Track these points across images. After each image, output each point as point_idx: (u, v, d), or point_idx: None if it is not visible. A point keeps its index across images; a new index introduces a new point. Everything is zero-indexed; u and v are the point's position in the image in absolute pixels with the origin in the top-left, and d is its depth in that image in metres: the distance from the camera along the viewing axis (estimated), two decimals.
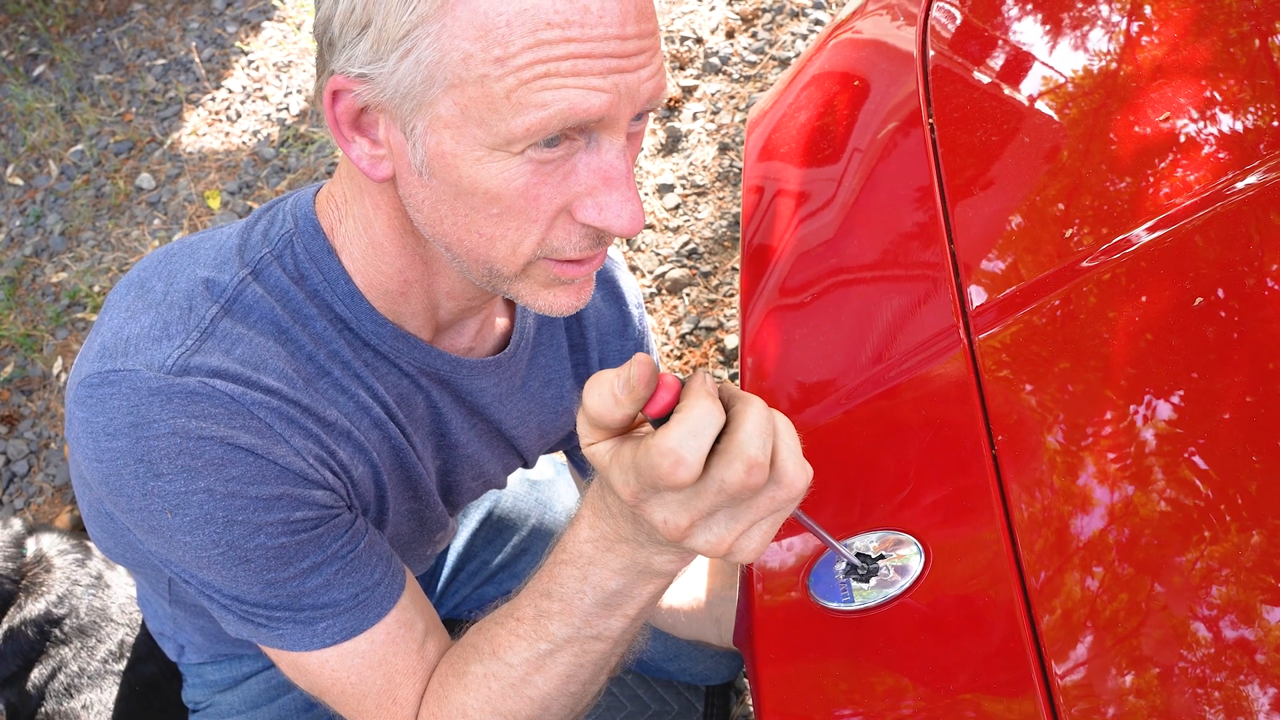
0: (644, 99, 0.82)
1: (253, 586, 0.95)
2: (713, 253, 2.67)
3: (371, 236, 0.95)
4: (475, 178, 0.82)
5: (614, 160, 0.84)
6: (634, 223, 0.85)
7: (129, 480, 0.89)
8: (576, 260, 0.90)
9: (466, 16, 0.75)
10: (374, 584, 1.00)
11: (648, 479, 0.74)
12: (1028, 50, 1.31)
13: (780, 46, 3.12)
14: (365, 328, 0.99)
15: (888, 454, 1.03)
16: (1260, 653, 0.76)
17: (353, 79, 0.81)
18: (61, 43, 3.66)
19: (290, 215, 0.98)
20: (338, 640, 0.99)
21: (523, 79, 0.77)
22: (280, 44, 3.52)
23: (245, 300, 0.94)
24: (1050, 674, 0.80)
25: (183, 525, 0.91)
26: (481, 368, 1.10)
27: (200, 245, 0.98)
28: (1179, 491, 0.85)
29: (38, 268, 3.00)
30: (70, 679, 1.67)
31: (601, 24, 0.76)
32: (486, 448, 1.20)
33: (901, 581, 0.92)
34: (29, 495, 2.54)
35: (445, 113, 0.80)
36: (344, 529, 0.98)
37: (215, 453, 0.88)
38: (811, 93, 1.52)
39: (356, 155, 0.87)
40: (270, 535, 0.92)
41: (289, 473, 0.92)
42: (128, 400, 0.87)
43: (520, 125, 0.78)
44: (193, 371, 0.88)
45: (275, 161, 3.14)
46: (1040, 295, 1.02)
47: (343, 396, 0.99)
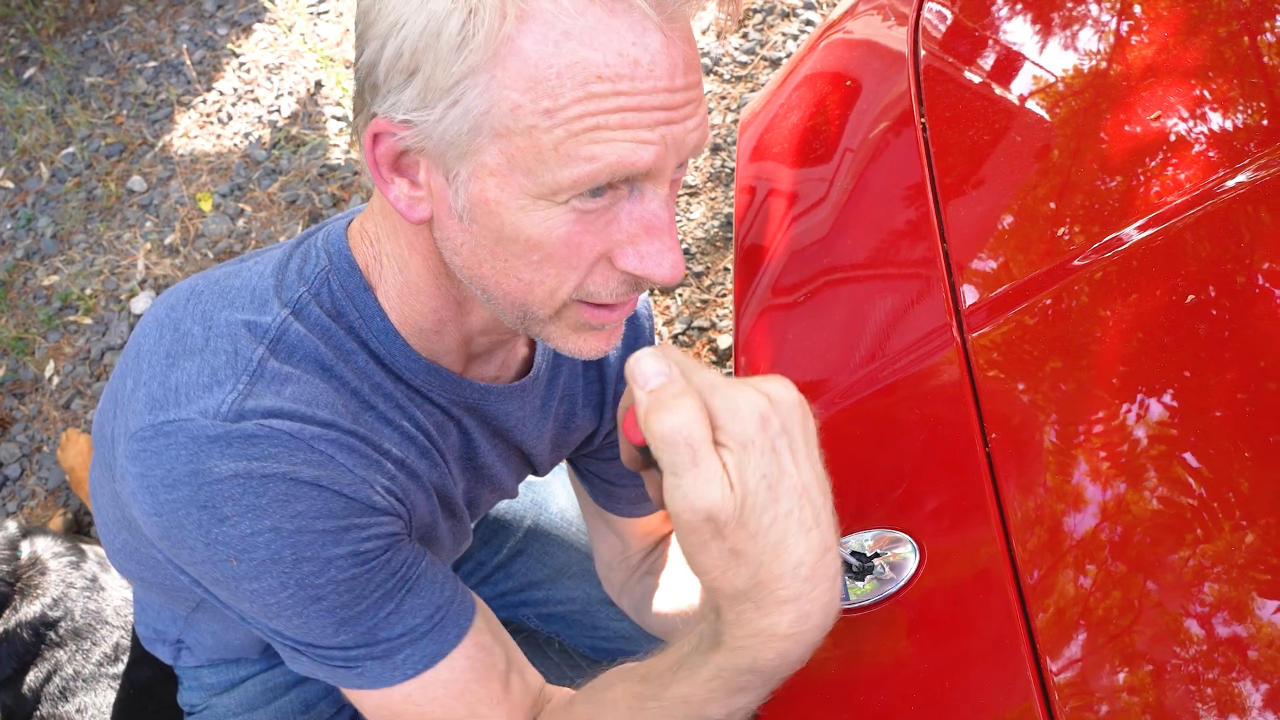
0: (689, 149, 0.83)
1: (326, 627, 0.94)
2: (705, 253, 2.67)
3: (407, 276, 0.95)
4: (518, 225, 0.82)
5: (658, 210, 0.84)
6: (675, 271, 0.85)
7: (191, 530, 0.87)
8: (609, 305, 0.90)
9: (516, 68, 0.75)
10: (446, 602, 0.99)
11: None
12: (1019, 50, 1.32)
13: (771, 47, 3.13)
14: (399, 364, 0.99)
15: (882, 452, 1.04)
16: (1253, 649, 0.76)
17: (396, 124, 0.81)
18: (52, 45, 3.65)
19: (324, 252, 0.98)
20: (419, 670, 0.98)
21: (572, 131, 0.76)
22: (271, 46, 3.51)
23: (289, 340, 0.93)
24: (1045, 671, 0.81)
25: (250, 571, 0.89)
26: (508, 394, 1.11)
27: (230, 284, 0.97)
28: (1172, 489, 0.86)
29: (29, 271, 3.00)
30: (65, 682, 1.67)
31: (651, 77, 0.76)
32: (505, 465, 1.21)
33: (897, 579, 0.93)
34: (21, 499, 2.54)
35: (491, 161, 0.79)
36: (408, 553, 0.97)
37: (279, 489, 0.87)
38: (803, 93, 1.53)
39: (395, 196, 0.86)
40: (340, 569, 0.91)
41: (354, 502, 0.91)
42: (186, 450, 0.86)
43: (568, 177, 0.78)
44: (249, 415, 0.87)
45: (267, 164, 3.14)
46: (1033, 294, 1.03)
47: (389, 428, 0.99)
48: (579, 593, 1.65)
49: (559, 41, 0.75)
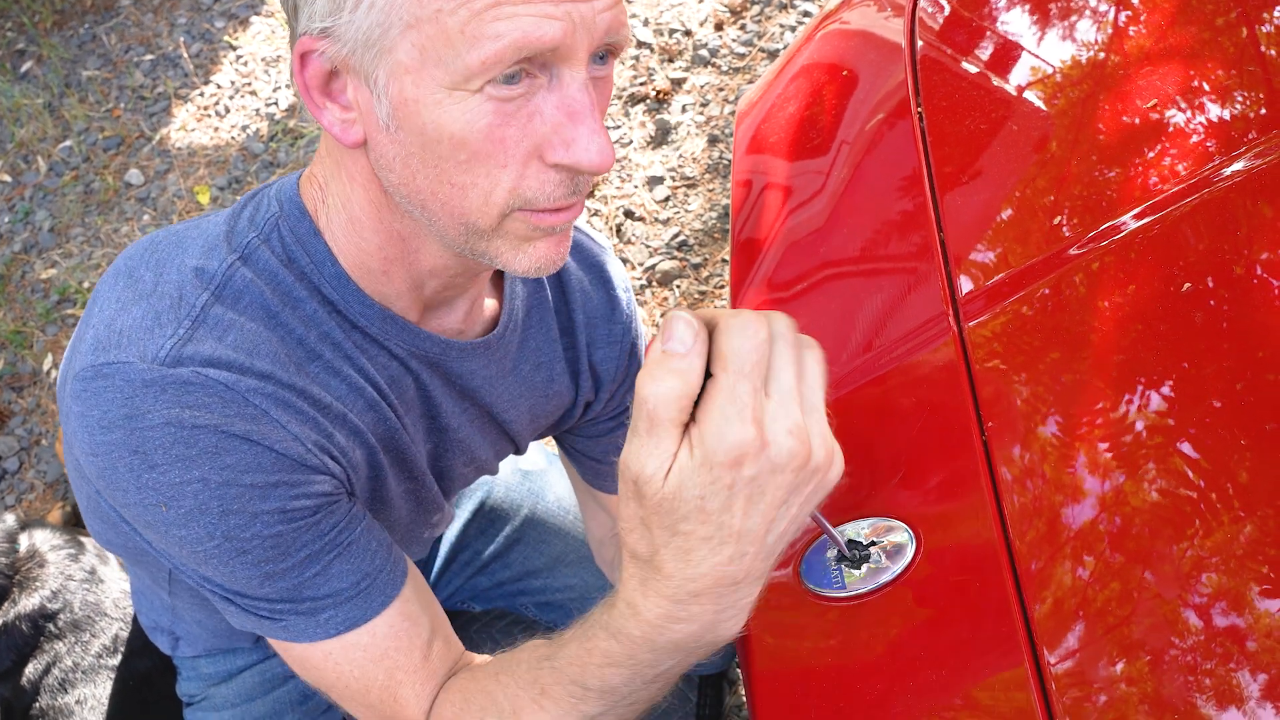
0: (601, 30, 0.81)
1: (252, 579, 0.95)
2: (703, 244, 2.67)
3: (350, 213, 0.95)
4: (439, 122, 0.81)
5: (576, 93, 0.83)
6: (603, 156, 0.84)
7: (124, 473, 0.89)
8: (553, 209, 0.89)
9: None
10: (374, 571, 1.00)
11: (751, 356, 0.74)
12: (1015, 40, 1.32)
13: (769, 38, 3.12)
14: (353, 309, 0.99)
15: (879, 441, 1.04)
16: (1251, 640, 0.76)
17: (316, 36, 0.81)
18: (49, 39, 3.65)
19: (275, 199, 0.98)
20: (340, 631, 0.99)
21: (474, 10, 0.76)
22: (269, 39, 3.51)
23: (235, 285, 0.93)
24: (1042, 660, 0.81)
25: (178, 518, 0.91)
26: (471, 350, 1.10)
27: (187, 233, 0.98)
28: (1170, 479, 0.86)
29: (27, 264, 3.00)
30: (64, 674, 1.67)
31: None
32: (478, 431, 1.20)
33: (893, 568, 0.93)
34: (20, 492, 2.54)
35: (404, 57, 0.79)
36: (342, 516, 0.98)
37: (209, 441, 0.88)
38: (800, 84, 1.53)
39: (329, 121, 0.87)
40: (266, 524, 0.92)
41: (285, 459, 0.92)
42: (121, 393, 0.87)
43: (476, 59, 0.77)
44: (185, 361, 0.88)
45: (264, 156, 3.14)
46: (1029, 282, 1.03)
47: (335, 379, 0.99)
48: (577, 581, 1.65)
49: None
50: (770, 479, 0.75)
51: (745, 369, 0.74)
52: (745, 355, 0.74)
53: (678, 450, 0.75)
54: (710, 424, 0.73)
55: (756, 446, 0.73)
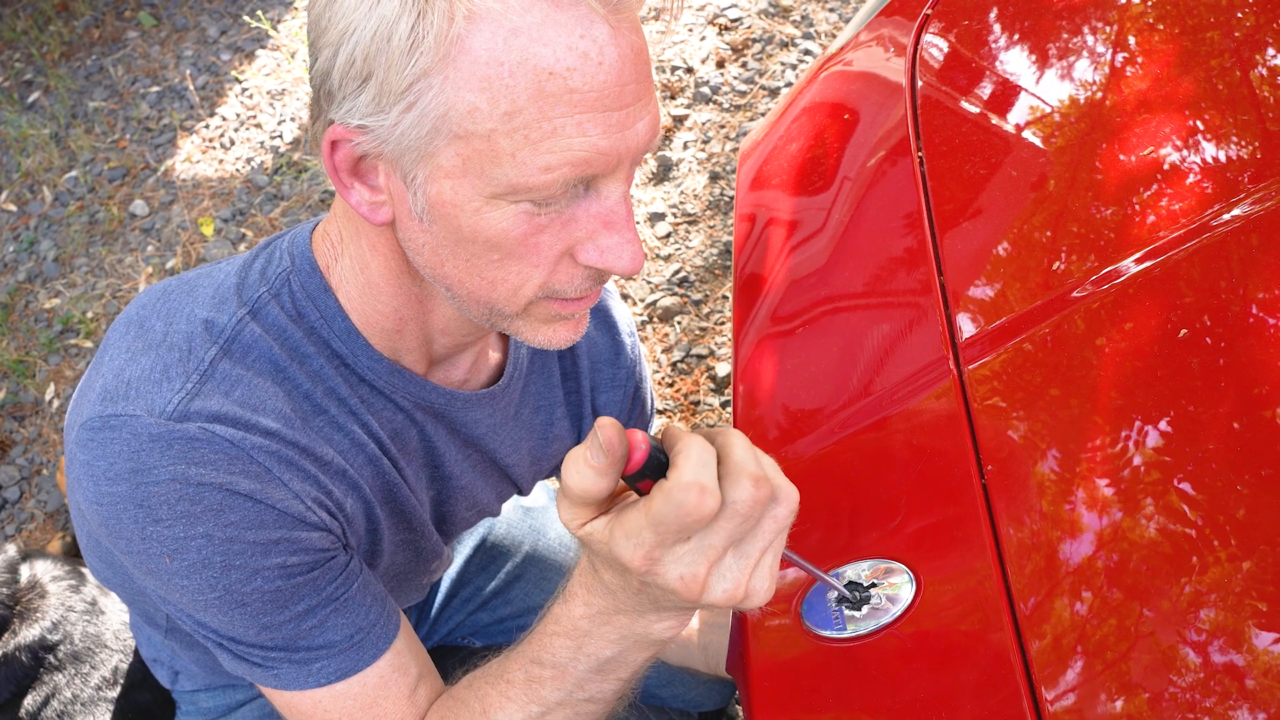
0: (642, 146, 0.84)
1: (249, 629, 0.96)
2: (704, 281, 2.68)
3: (368, 277, 0.96)
4: (475, 226, 0.83)
5: (614, 206, 0.85)
6: (634, 263, 0.86)
7: (128, 524, 0.90)
8: (576, 299, 0.91)
9: (468, 68, 0.76)
10: (368, 625, 1.01)
11: (673, 524, 0.75)
12: (1016, 83, 1.33)
13: (770, 76, 3.15)
14: (361, 364, 1.00)
15: (879, 483, 1.04)
16: (1250, 678, 0.77)
17: (352, 129, 0.82)
18: (56, 69, 3.68)
19: (287, 253, 0.99)
20: (331, 681, 1.00)
21: (530, 139, 0.77)
22: (274, 72, 3.54)
23: (244, 340, 0.94)
24: (1041, 701, 0.81)
25: (180, 569, 0.92)
26: (475, 400, 1.11)
27: (198, 283, 0.99)
28: (1168, 518, 0.87)
29: (31, 294, 3.01)
30: (64, 706, 1.67)
31: (602, 70, 0.77)
32: (480, 478, 1.21)
33: (893, 610, 0.93)
34: (20, 521, 2.54)
35: (446, 163, 0.80)
36: (339, 571, 0.99)
37: (214, 499, 0.89)
38: (803, 123, 1.54)
39: (356, 201, 0.87)
40: (267, 579, 0.93)
41: (287, 516, 0.93)
42: (128, 446, 0.88)
43: (522, 181, 0.79)
44: (192, 417, 0.89)
45: (269, 189, 3.16)
46: (1029, 326, 1.04)
47: (338, 434, 1.00)
48: None
49: (507, 39, 0.75)
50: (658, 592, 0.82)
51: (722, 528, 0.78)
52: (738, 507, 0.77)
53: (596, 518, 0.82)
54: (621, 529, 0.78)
55: (696, 587, 0.78)
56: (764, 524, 0.78)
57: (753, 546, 0.79)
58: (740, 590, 0.79)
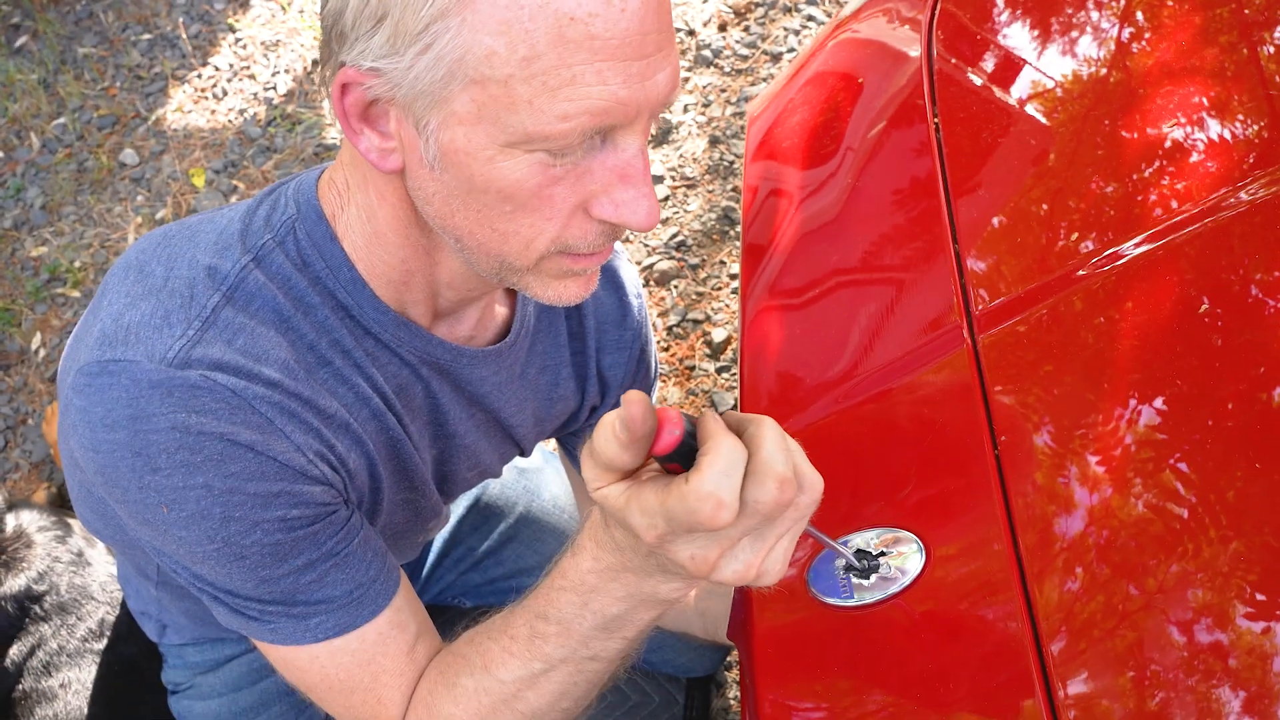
0: (662, 99, 0.81)
1: (246, 582, 0.95)
2: (701, 245, 2.67)
3: (374, 226, 0.94)
4: (488, 175, 0.81)
5: (632, 159, 0.83)
6: (650, 217, 0.84)
7: (125, 473, 0.88)
8: (588, 254, 0.89)
9: (487, 9, 0.74)
10: (368, 581, 1.00)
11: (683, 524, 0.73)
12: (1032, 57, 1.32)
13: (773, 41, 3.12)
14: (367, 315, 0.98)
15: (889, 452, 1.04)
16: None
17: (365, 72, 0.79)
18: (45, 14, 3.61)
19: (293, 200, 0.97)
20: (329, 636, 0.99)
21: (548, 85, 0.75)
22: (269, 23, 3.49)
23: (247, 288, 0.92)
24: (1050, 672, 0.81)
25: (178, 520, 0.90)
26: (482, 357, 1.09)
27: (200, 229, 0.97)
28: (1185, 493, 0.86)
29: (17, 241, 2.97)
30: (49, 656, 1.66)
31: (624, 17, 0.75)
32: (484, 437, 1.19)
33: (902, 579, 0.93)
34: (5, 471, 2.52)
35: (460, 109, 0.78)
36: (339, 526, 0.98)
37: (215, 448, 0.87)
38: (813, 90, 1.52)
39: (365, 148, 0.85)
40: (266, 532, 0.92)
41: (288, 469, 0.91)
42: (127, 392, 0.86)
43: (537, 129, 0.77)
44: (194, 364, 0.87)
45: (261, 141, 3.12)
46: (1045, 297, 1.03)
47: (342, 386, 0.98)
48: None
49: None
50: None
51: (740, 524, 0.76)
52: (759, 507, 0.74)
53: (616, 483, 0.78)
54: (687, 534, 0.76)
55: (705, 567, 0.76)
56: (786, 513, 0.77)
57: (770, 532, 0.77)
58: (752, 571, 0.77)
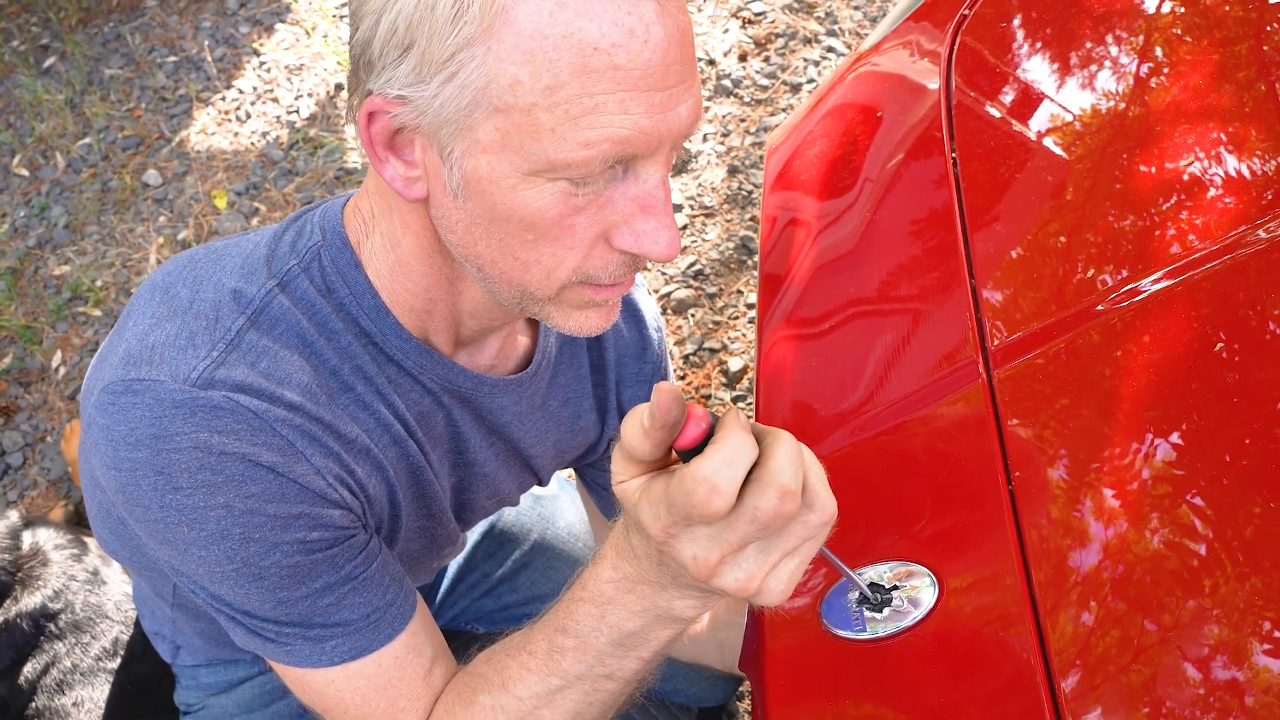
0: (684, 130, 0.82)
1: (264, 603, 0.95)
2: (719, 274, 2.67)
3: (398, 254, 0.95)
4: (510, 204, 0.82)
5: (653, 189, 0.83)
6: (671, 248, 0.85)
7: (147, 491, 0.88)
8: (610, 284, 0.90)
9: (512, 40, 0.75)
10: (385, 605, 1.00)
11: (681, 509, 0.73)
12: (1050, 90, 1.32)
13: (792, 72, 3.13)
14: (390, 343, 0.99)
15: (903, 485, 1.03)
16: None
17: (391, 100, 0.80)
18: (73, 35, 3.66)
19: (319, 227, 0.98)
20: (345, 659, 0.99)
21: (571, 114, 0.76)
22: (292, 47, 3.52)
23: (272, 312, 0.93)
24: (1062, 709, 0.80)
25: (198, 539, 0.90)
26: (503, 386, 1.10)
27: (226, 253, 0.98)
28: (1202, 529, 0.86)
29: (40, 260, 2.99)
30: (62, 675, 1.66)
31: (647, 49, 0.76)
32: (503, 466, 1.20)
33: (914, 613, 0.92)
34: (23, 488, 2.53)
35: (484, 137, 0.79)
36: (358, 549, 0.98)
37: (236, 469, 0.88)
38: (832, 123, 1.53)
39: (390, 175, 0.86)
40: (285, 554, 0.92)
41: (308, 492, 0.92)
42: (150, 411, 0.87)
43: (560, 157, 0.78)
44: (217, 385, 0.88)
45: (283, 164, 3.14)
46: (1061, 334, 1.03)
47: (364, 413, 0.99)
48: None
49: (553, 11, 0.74)
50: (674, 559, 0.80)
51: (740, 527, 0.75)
52: (757, 514, 0.74)
53: (637, 477, 0.79)
54: (689, 530, 0.76)
55: (705, 570, 0.76)
56: (792, 529, 0.77)
57: (775, 547, 0.77)
58: (753, 585, 0.77)
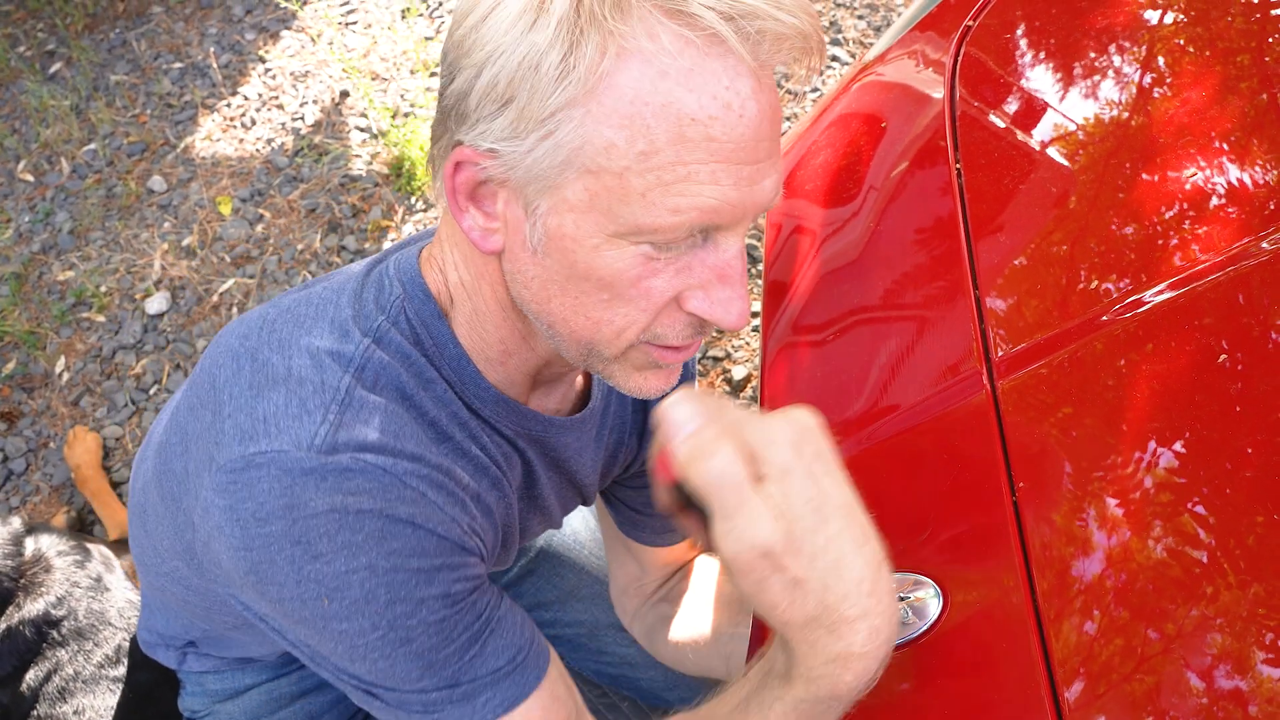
0: (766, 203, 0.83)
1: (412, 669, 0.92)
2: None
3: (475, 304, 0.95)
4: (591, 264, 0.82)
5: (732, 259, 0.84)
6: (741, 319, 0.85)
7: (283, 566, 0.86)
8: (675, 347, 0.90)
9: (612, 104, 0.76)
10: (525, 644, 0.99)
11: None
12: (1054, 101, 1.32)
13: (795, 80, 3.13)
14: (470, 392, 0.98)
15: (907, 495, 1.03)
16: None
17: (482, 153, 0.81)
18: (79, 41, 3.67)
19: (397, 280, 0.97)
20: (498, 714, 0.96)
21: (663, 180, 0.77)
22: (298, 54, 3.53)
23: (373, 368, 0.92)
24: (1066, 717, 0.80)
25: (341, 611, 0.88)
26: (569, 425, 1.11)
27: (302, 312, 0.95)
28: (1205, 538, 0.86)
29: (45, 265, 3.00)
30: (65, 682, 1.66)
31: (741, 123, 0.77)
32: (557, 497, 1.21)
33: (919, 624, 0.92)
34: (25, 494, 2.53)
35: (573, 196, 0.80)
36: (491, 593, 0.97)
37: (375, 526, 0.86)
38: (836, 132, 1.53)
39: (469, 226, 0.86)
40: (432, 610, 0.90)
41: (446, 541, 0.91)
42: (279, 483, 0.84)
43: (648, 222, 0.79)
44: (342, 448, 0.86)
45: (288, 171, 3.15)
46: (1066, 344, 1.03)
47: (464, 460, 0.98)
48: (587, 616, 1.64)
49: (655, 80, 0.75)
50: (822, 444, 0.79)
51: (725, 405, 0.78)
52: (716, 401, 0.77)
53: (767, 494, 0.76)
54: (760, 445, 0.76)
55: (796, 430, 0.77)
56: None
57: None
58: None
